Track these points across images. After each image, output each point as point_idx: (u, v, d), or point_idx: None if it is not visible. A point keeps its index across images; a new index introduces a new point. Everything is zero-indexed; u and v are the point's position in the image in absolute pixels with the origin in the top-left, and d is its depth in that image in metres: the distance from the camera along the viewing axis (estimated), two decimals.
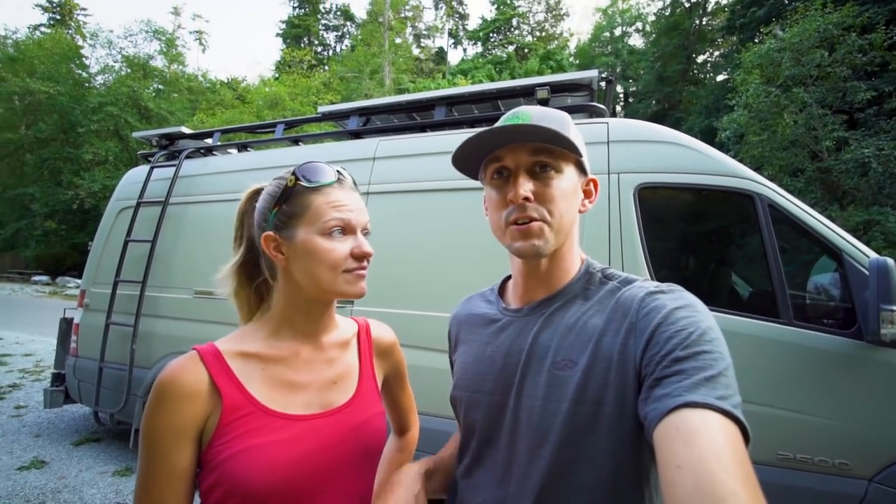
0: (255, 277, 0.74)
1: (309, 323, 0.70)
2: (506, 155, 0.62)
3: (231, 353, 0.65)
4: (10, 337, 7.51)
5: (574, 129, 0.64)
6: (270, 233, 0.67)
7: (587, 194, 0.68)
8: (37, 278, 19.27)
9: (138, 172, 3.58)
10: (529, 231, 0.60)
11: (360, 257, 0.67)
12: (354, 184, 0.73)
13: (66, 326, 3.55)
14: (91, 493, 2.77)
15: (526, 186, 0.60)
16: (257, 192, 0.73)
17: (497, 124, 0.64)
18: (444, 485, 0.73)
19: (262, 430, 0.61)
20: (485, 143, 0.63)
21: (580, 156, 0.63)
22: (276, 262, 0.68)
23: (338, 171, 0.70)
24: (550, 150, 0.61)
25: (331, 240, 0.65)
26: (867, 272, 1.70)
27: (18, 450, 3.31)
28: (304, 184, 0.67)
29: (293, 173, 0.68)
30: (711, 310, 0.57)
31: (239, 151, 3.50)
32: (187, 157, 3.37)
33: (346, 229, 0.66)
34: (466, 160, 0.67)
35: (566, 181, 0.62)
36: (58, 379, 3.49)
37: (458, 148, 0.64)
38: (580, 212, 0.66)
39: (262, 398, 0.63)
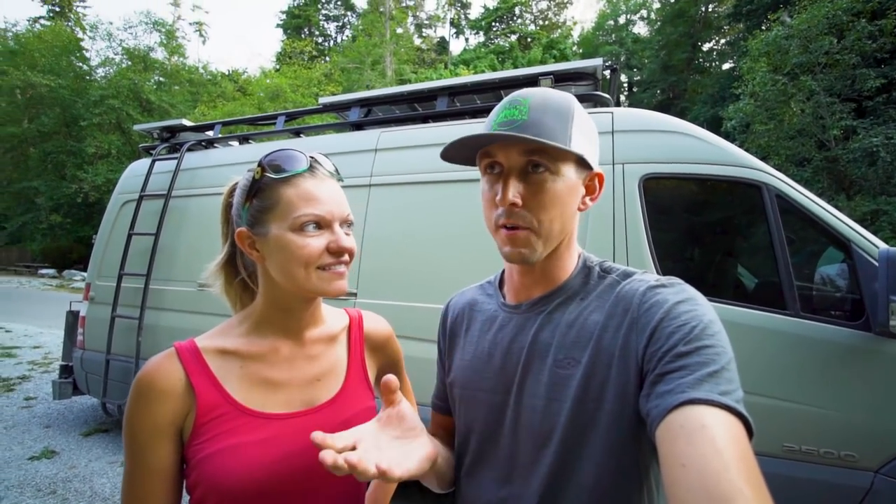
0: (240, 273, 0.73)
1: (290, 319, 0.67)
2: (497, 151, 0.58)
3: (210, 350, 0.63)
4: (18, 329, 7.59)
5: (578, 119, 0.59)
6: (243, 229, 0.64)
7: (590, 190, 0.63)
8: (43, 271, 19.42)
9: (140, 165, 3.58)
10: (516, 239, 0.58)
11: (336, 252, 0.62)
12: (336, 172, 0.68)
13: (73, 319, 3.59)
14: (101, 482, 2.81)
15: (514, 191, 0.56)
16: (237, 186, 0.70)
17: (494, 112, 0.60)
18: (450, 476, 0.71)
19: (237, 431, 0.59)
20: (477, 143, 0.59)
21: (581, 155, 0.58)
22: (252, 258, 0.66)
23: (311, 159, 0.65)
24: (545, 150, 0.56)
25: (303, 235, 0.61)
26: (877, 263, 1.68)
27: (29, 440, 3.36)
28: (271, 175, 0.62)
29: (259, 163, 0.64)
30: (718, 301, 0.56)
31: (240, 143, 3.49)
32: (189, 149, 3.37)
33: (321, 223, 0.62)
34: (458, 155, 0.64)
35: (561, 182, 0.57)
36: (66, 371, 3.54)
37: (446, 148, 0.61)
38: (580, 210, 0.62)
39: (239, 397, 0.61)
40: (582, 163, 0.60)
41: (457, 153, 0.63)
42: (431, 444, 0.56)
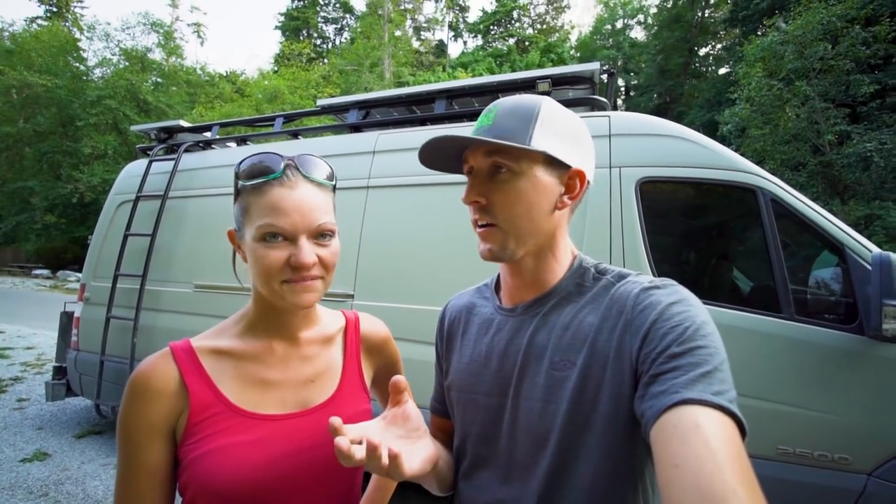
0: None
1: (282, 320, 0.67)
2: (469, 156, 0.62)
3: (204, 350, 0.63)
4: (11, 330, 7.52)
5: (546, 118, 0.59)
6: (231, 229, 0.65)
7: (569, 188, 0.62)
8: (37, 272, 19.30)
9: (137, 166, 3.57)
10: (486, 236, 0.61)
11: (296, 268, 0.59)
12: (328, 177, 0.65)
13: (67, 320, 3.56)
14: (94, 484, 2.78)
15: (476, 190, 0.60)
16: None
17: (476, 122, 0.63)
18: (449, 479, 0.71)
19: (229, 431, 0.59)
20: (445, 148, 0.62)
21: (545, 152, 0.58)
22: (242, 258, 0.66)
23: (289, 163, 0.62)
24: (505, 151, 0.58)
25: (265, 246, 0.59)
26: (870, 267, 1.69)
27: (21, 442, 3.33)
28: (242, 182, 0.62)
29: (235, 169, 0.64)
30: (713, 304, 0.56)
31: (238, 145, 3.49)
32: (186, 150, 3.36)
33: (284, 235, 0.59)
34: (442, 163, 0.66)
35: (525, 181, 0.58)
36: (59, 372, 3.51)
37: (420, 153, 0.63)
38: (558, 208, 0.61)
39: (232, 397, 0.61)
40: (553, 161, 0.60)
41: (438, 162, 0.66)
42: (434, 445, 0.56)
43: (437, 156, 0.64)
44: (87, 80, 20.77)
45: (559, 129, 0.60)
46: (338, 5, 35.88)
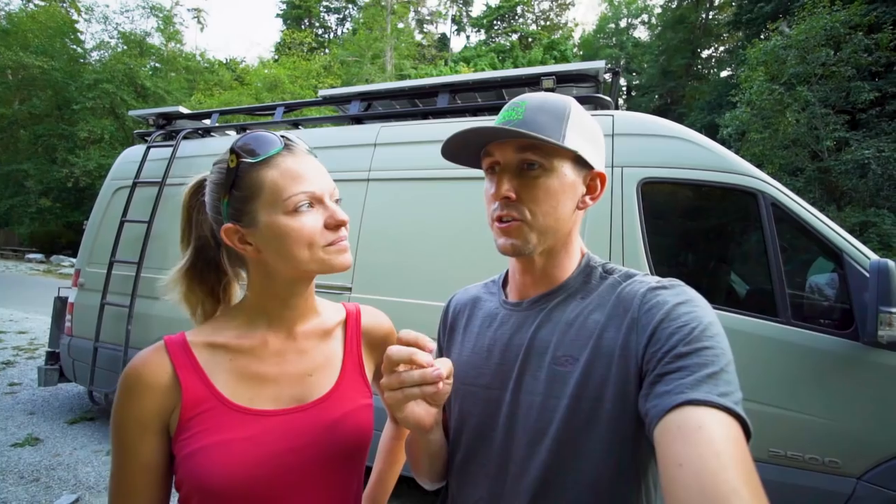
0: (207, 279, 0.69)
1: (285, 310, 0.65)
2: (495, 150, 0.61)
3: (199, 344, 0.61)
4: (3, 314, 7.46)
5: (576, 119, 0.60)
6: (230, 225, 0.60)
7: (591, 189, 0.64)
8: (31, 256, 19.11)
9: (135, 152, 3.53)
10: (509, 230, 0.60)
11: (335, 227, 0.61)
12: (311, 150, 0.65)
13: (61, 305, 3.53)
14: (86, 471, 2.78)
15: (507, 185, 0.59)
16: (202, 184, 0.67)
17: (498, 116, 0.62)
18: (441, 468, 0.70)
19: (223, 427, 0.57)
20: (472, 139, 0.61)
21: (576, 152, 0.59)
22: (244, 254, 0.62)
23: (282, 137, 0.61)
24: (538, 147, 0.58)
25: (298, 216, 0.58)
26: (867, 274, 1.70)
27: (13, 427, 3.31)
28: (248, 160, 0.58)
29: (232, 151, 0.60)
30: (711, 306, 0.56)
31: (237, 133, 3.45)
32: (185, 137, 3.32)
33: (313, 200, 0.60)
34: (460, 154, 0.65)
35: (555, 179, 0.59)
36: (52, 357, 3.49)
37: (445, 143, 0.63)
38: (579, 208, 0.63)
39: (227, 392, 0.60)
40: (580, 161, 0.61)
41: (457, 153, 0.65)
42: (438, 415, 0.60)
43: (462, 147, 0.63)
44: (84, 62, 20.45)
45: (586, 131, 0.62)
46: None
